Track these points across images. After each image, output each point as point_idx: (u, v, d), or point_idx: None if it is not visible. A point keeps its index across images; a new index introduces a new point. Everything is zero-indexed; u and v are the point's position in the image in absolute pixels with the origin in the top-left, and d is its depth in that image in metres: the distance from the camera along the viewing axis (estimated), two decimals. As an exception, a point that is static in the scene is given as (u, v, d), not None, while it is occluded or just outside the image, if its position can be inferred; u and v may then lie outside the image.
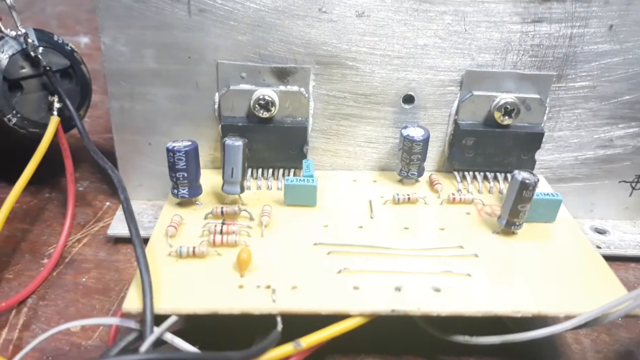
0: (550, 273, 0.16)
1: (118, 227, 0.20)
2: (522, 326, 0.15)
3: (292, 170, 0.20)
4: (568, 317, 0.15)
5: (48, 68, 0.20)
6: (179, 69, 0.18)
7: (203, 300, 0.14)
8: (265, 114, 0.19)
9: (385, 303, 0.15)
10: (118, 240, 0.20)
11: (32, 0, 0.40)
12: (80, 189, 0.22)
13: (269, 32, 0.18)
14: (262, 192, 0.19)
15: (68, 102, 0.19)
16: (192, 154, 0.17)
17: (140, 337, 0.14)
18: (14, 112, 0.19)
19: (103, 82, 0.20)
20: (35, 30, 0.20)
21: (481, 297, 0.15)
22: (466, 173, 0.20)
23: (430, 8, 0.17)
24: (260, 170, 0.20)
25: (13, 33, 0.19)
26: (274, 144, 0.19)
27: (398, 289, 0.15)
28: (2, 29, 0.19)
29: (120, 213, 0.20)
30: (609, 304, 0.14)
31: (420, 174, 0.20)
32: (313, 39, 0.18)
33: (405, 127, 0.19)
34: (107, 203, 0.22)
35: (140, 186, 0.21)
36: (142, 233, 0.16)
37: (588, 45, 0.18)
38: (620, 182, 0.21)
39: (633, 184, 0.21)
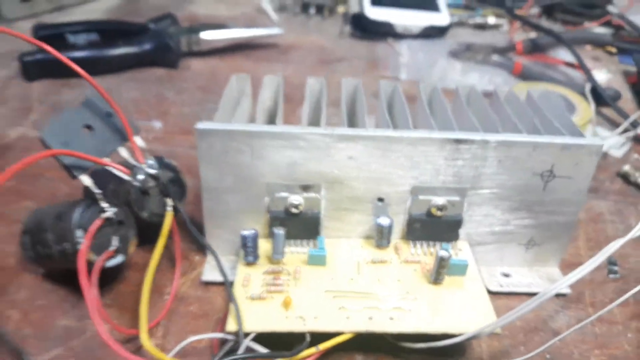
0: (458, 309, 0.29)
1: (208, 275, 0.33)
2: (445, 338, 0.28)
3: (311, 241, 0.33)
4: (462, 334, 0.27)
5: (163, 182, 0.33)
6: (245, 186, 0.31)
7: (267, 324, 0.27)
8: (296, 211, 0.31)
9: (363, 326, 0.27)
10: (208, 283, 0.33)
11: (110, 88, 0.52)
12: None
13: (297, 167, 0.30)
14: (294, 255, 0.32)
15: (179, 204, 0.32)
16: (255, 237, 0.30)
17: (236, 344, 0.27)
18: (145, 209, 0.32)
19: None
20: (155, 157, 0.33)
21: (417, 323, 0.28)
22: (417, 242, 0.33)
23: (391, 154, 0.30)
24: (292, 241, 0.33)
25: (144, 163, 0.32)
26: (301, 226, 0.32)
27: (371, 318, 0.28)
28: (139, 161, 0.32)
29: (208, 265, 0.33)
30: (481, 328, 0.27)
31: (388, 243, 0.32)
32: (323, 170, 0.31)
33: (379, 217, 0.32)
34: (197, 257, 0.35)
35: (218, 248, 0.34)
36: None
37: (488, 170, 0.31)
38: (518, 244, 0.34)
39: (525, 246, 0.34)
